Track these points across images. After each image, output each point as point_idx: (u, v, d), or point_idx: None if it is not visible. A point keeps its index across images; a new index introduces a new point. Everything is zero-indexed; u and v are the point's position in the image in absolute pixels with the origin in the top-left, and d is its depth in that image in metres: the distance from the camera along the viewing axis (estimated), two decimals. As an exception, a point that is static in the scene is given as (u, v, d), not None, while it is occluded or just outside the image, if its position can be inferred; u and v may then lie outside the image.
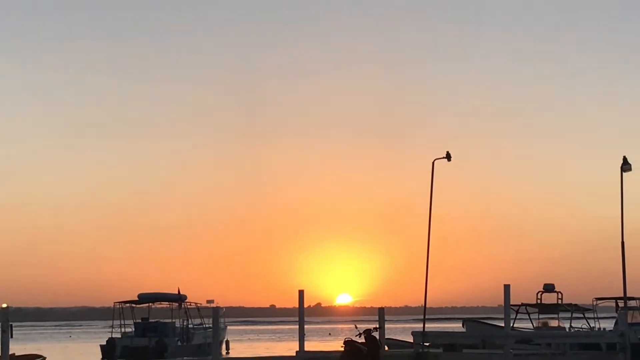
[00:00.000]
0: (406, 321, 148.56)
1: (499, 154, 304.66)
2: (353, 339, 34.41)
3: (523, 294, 51.29)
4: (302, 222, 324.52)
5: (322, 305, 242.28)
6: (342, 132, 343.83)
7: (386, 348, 48.04)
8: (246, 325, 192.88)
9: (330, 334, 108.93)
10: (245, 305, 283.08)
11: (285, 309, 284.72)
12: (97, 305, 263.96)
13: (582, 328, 50.53)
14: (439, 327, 79.68)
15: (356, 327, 35.84)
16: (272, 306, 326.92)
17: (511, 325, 38.79)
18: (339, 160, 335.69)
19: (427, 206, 37.34)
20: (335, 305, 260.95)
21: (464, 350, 37.10)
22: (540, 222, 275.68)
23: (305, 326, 38.90)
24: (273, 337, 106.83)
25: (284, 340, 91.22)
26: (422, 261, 36.70)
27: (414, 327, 48.56)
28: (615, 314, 52.47)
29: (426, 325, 37.54)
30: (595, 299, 53.57)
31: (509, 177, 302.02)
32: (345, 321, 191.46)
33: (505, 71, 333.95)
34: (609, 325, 53.16)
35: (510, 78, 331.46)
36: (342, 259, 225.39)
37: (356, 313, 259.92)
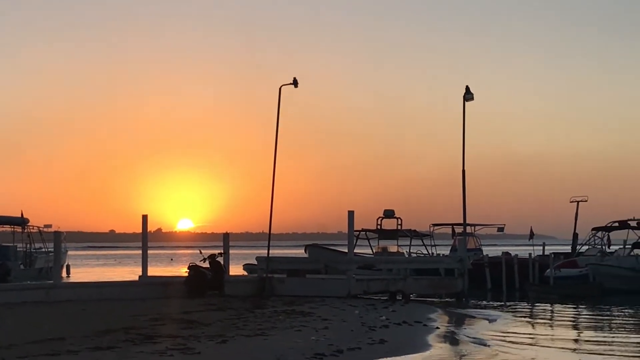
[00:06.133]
0: (251, 247, 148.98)
1: (343, 77, 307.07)
2: (197, 264, 34.37)
3: (364, 220, 51.96)
4: (144, 147, 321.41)
5: (163, 231, 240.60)
6: (193, 65, 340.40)
7: (246, 274, 48.18)
8: (87, 250, 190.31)
9: (172, 259, 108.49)
10: (84, 230, 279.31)
11: (125, 234, 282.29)
12: None
13: (418, 253, 51.58)
14: (282, 253, 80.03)
15: (201, 252, 35.81)
16: (112, 231, 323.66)
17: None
18: (184, 89, 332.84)
19: (271, 135, 37.34)
20: (176, 231, 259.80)
21: (308, 276, 37.43)
22: (381, 149, 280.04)
23: (148, 251, 38.68)
24: (114, 263, 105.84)
25: (126, 266, 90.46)
26: (264, 189, 36.78)
27: (258, 253, 48.70)
28: (450, 240, 53.79)
29: (270, 252, 37.75)
30: (432, 224, 54.72)
31: (355, 107, 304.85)
32: (187, 247, 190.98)
33: None
34: (445, 250, 54.46)
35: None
36: (183, 185, 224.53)
37: (197, 239, 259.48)
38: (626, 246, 50.24)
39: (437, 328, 24.79)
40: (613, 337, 24.14)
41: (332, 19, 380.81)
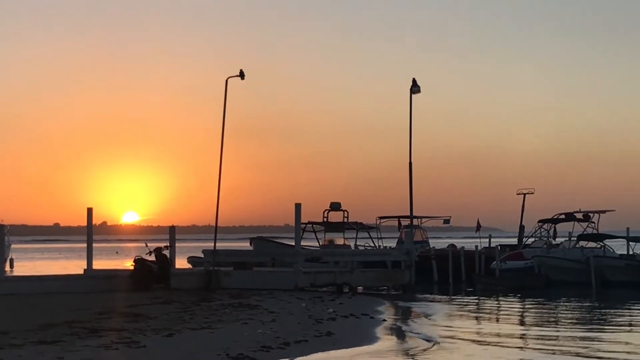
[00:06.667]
0: (197, 240, 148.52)
1: (291, 70, 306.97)
2: (143, 257, 34.12)
3: (311, 213, 51.91)
4: (89, 140, 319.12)
5: (109, 224, 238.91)
6: (139, 57, 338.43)
7: (190, 266, 47.88)
8: (31, 243, 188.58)
9: (117, 252, 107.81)
10: (28, 223, 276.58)
11: (70, 227, 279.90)
12: None
13: (365, 245, 51.61)
14: (229, 245, 79.81)
15: (147, 246, 35.57)
16: (57, 224, 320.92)
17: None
18: (130, 82, 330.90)
19: (218, 128, 37.19)
20: (121, 224, 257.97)
21: (255, 269, 37.31)
22: (329, 142, 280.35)
23: (93, 245, 38.32)
24: (59, 256, 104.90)
25: (71, 259, 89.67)
26: (211, 181, 36.62)
27: (204, 246, 48.46)
28: (397, 233, 53.86)
29: (217, 244, 37.56)
30: (379, 217, 54.75)
31: (302, 100, 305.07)
32: (133, 240, 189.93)
33: None
34: (391, 243, 54.55)
35: None
36: (129, 177, 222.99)
37: (143, 232, 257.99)
38: (572, 238, 50.64)
39: (384, 320, 24.82)
40: (558, 332, 24.05)
41: (278, 12, 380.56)
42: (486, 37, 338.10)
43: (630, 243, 49.71)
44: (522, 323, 27.43)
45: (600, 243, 49.25)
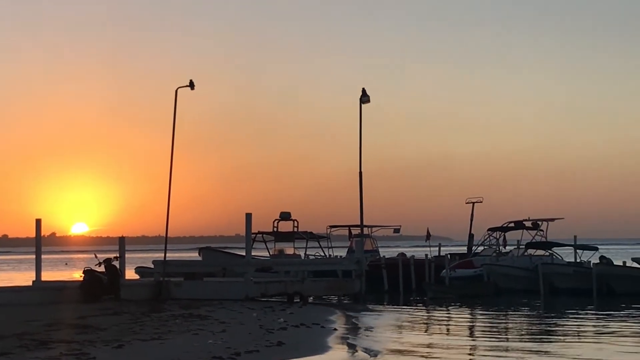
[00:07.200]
0: (147, 250, 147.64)
1: (241, 79, 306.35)
2: (93, 268, 33.90)
3: (261, 223, 51.90)
4: (37, 150, 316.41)
5: (57, 235, 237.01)
6: (89, 66, 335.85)
7: (138, 277, 47.59)
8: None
9: (66, 263, 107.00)
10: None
11: (18, 238, 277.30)
12: None
13: (316, 255, 51.66)
14: (179, 256, 79.49)
15: (96, 257, 35.34)
16: (5, 236, 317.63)
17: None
18: (79, 91, 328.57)
19: (167, 138, 37.03)
20: (71, 235, 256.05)
21: (205, 279, 37.21)
22: (279, 152, 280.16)
23: (42, 256, 38.04)
24: (8, 268, 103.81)
25: (19, 271, 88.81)
26: (161, 192, 36.47)
27: (155, 257, 48.24)
28: (347, 242, 53.97)
29: (167, 255, 37.40)
30: (329, 226, 54.82)
31: (252, 110, 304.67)
32: (82, 251, 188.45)
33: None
34: (341, 252, 54.60)
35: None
36: (78, 188, 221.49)
37: (93, 243, 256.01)
38: (520, 246, 51.05)
39: (335, 330, 24.84)
40: (508, 344, 23.81)
41: (227, 19, 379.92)
42: (433, 49, 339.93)
43: (578, 251, 50.21)
44: (471, 334, 27.20)
45: (549, 251, 49.73)
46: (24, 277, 63.87)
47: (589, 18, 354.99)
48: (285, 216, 51.64)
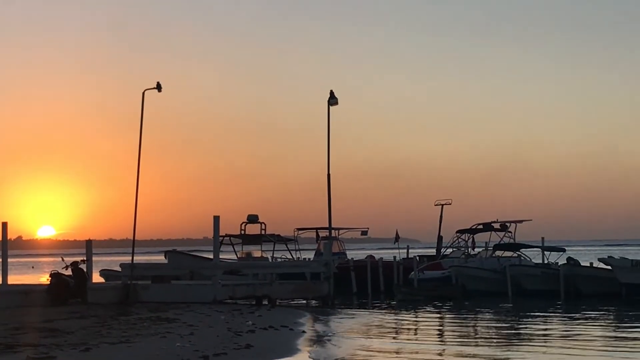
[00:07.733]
0: (114, 253, 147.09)
1: (210, 83, 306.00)
2: (60, 271, 33.68)
3: (229, 225, 51.85)
4: (2, 152, 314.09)
5: (24, 239, 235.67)
6: (56, 69, 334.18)
7: (103, 280, 47.37)
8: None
9: (33, 267, 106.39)
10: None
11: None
12: None
13: (283, 257, 51.62)
14: (146, 259, 79.17)
15: (63, 260, 35.11)
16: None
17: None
18: (45, 93, 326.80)
19: (135, 141, 36.83)
20: (37, 238, 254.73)
21: (173, 282, 37.06)
22: (247, 155, 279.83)
23: (8, 260, 37.78)
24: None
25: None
26: (128, 195, 36.29)
27: (122, 260, 48.03)
28: (315, 244, 53.98)
29: (134, 258, 37.22)
30: (297, 229, 54.79)
31: (220, 113, 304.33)
32: (49, 254, 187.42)
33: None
34: (309, 254, 54.58)
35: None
36: (44, 191, 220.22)
37: (59, 246, 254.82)
38: (488, 248, 51.21)
39: (304, 332, 24.78)
40: (476, 350, 23.44)
41: (197, 25, 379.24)
42: (401, 52, 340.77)
43: (545, 252, 50.47)
44: (440, 339, 26.79)
45: (517, 252, 49.92)
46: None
47: (542, 22, 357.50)
48: (252, 219, 51.59)
